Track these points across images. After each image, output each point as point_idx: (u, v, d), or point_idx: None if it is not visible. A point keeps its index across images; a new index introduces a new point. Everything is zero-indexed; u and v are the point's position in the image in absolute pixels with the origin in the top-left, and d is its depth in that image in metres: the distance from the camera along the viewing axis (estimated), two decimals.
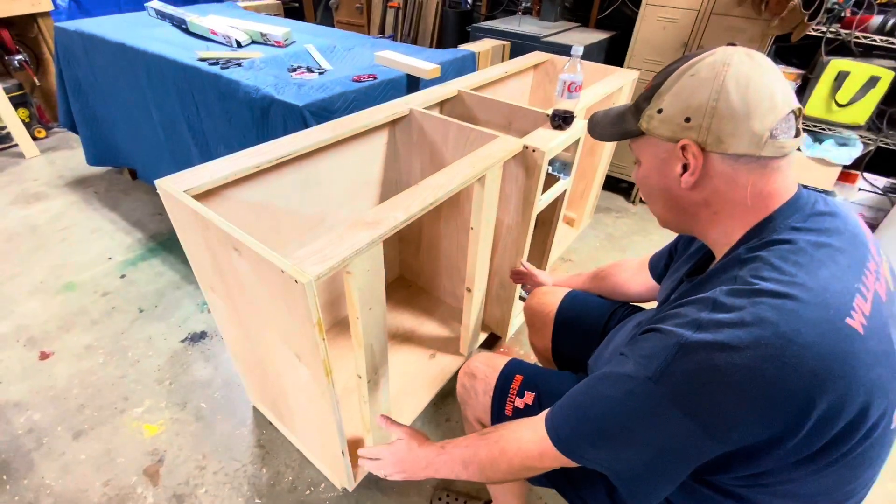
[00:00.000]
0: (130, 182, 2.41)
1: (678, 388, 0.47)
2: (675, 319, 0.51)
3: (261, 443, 1.27)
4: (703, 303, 0.50)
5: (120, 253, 1.92)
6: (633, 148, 0.61)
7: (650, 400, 0.49)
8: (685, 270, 0.70)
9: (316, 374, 0.80)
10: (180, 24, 1.93)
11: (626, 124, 0.60)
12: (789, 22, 1.70)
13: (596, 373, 0.58)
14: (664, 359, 0.48)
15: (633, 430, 0.52)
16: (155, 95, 1.68)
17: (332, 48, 1.76)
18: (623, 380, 0.52)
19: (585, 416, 0.56)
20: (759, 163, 0.51)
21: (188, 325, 1.60)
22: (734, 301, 0.48)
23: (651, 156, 0.58)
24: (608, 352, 0.81)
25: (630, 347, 0.55)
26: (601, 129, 0.67)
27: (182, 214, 0.84)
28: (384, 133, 1.27)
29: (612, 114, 0.65)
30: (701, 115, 0.51)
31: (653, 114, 0.55)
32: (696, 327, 0.48)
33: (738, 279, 0.50)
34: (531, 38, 2.23)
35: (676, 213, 0.60)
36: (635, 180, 0.65)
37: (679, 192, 0.57)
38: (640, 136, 0.58)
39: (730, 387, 0.45)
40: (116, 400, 1.36)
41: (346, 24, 3.58)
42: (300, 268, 0.66)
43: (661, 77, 0.56)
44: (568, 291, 1.06)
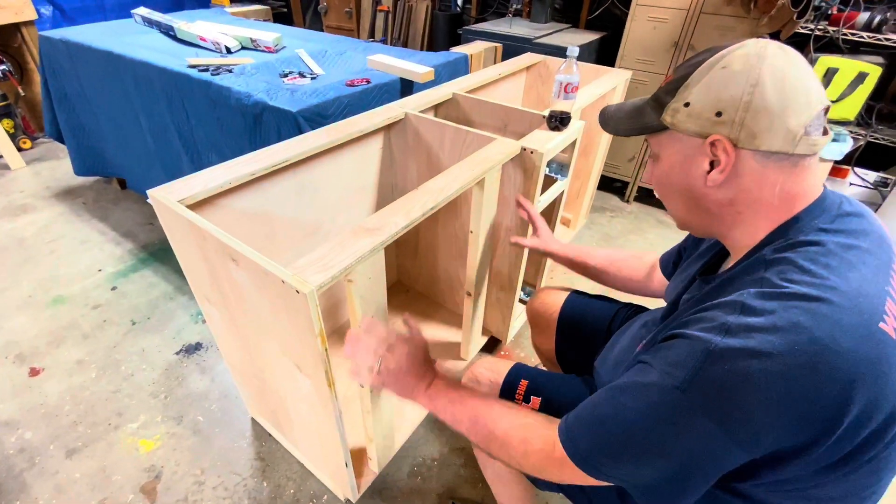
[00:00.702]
0: (119, 192, 2.37)
1: (708, 398, 0.45)
2: (701, 324, 0.48)
3: (261, 455, 1.24)
4: (731, 306, 0.47)
5: (110, 264, 1.88)
6: (652, 144, 0.58)
7: (678, 410, 0.47)
8: (696, 269, 0.68)
9: (318, 386, 0.78)
10: (168, 30, 1.90)
11: (646, 118, 0.57)
12: (778, 20, 1.71)
13: (616, 382, 0.55)
14: (692, 367, 0.46)
15: (659, 442, 0.49)
16: (143, 103, 1.65)
17: (324, 53, 1.74)
18: (648, 390, 0.50)
19: (607, 430, 0.53)
20: (790, 161, 0.49)
21: (183, 337, 1.57)
22: (764, 304, 0.46)
23: (674, 152, 0.55)
24: (614, 354, 0.80)
25: (653, 355, 0.52)
26: (616, 123, 0.63)
27: (177, 225, 0.82)
28: (379, 138, 1.26)
29: (628, 107, 0.62)
30: (734, 110, 0.48)
31: (678, 107, 0.52)
32: (725, 332, 0.45)
33: (766, 281, 0.48)
34: (523, 39, 2.23)
35: (698, 213, 0.57)
36: (648, 179, 0.62)
37: (703, 191, 0.54)
38: (661, 131, 0.55)
39: (763, 395, 0.43)
40: (110, 415, 1.33)
41: (336, 29, 3.56)
42: (301, 277, 0.64)
43: (685, 69, 0.53)
44: (570, 292, 1.05)
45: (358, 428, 1.18)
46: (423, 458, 1.26)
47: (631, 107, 0.61)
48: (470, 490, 1.20)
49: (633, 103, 0.62)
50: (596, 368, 0.83)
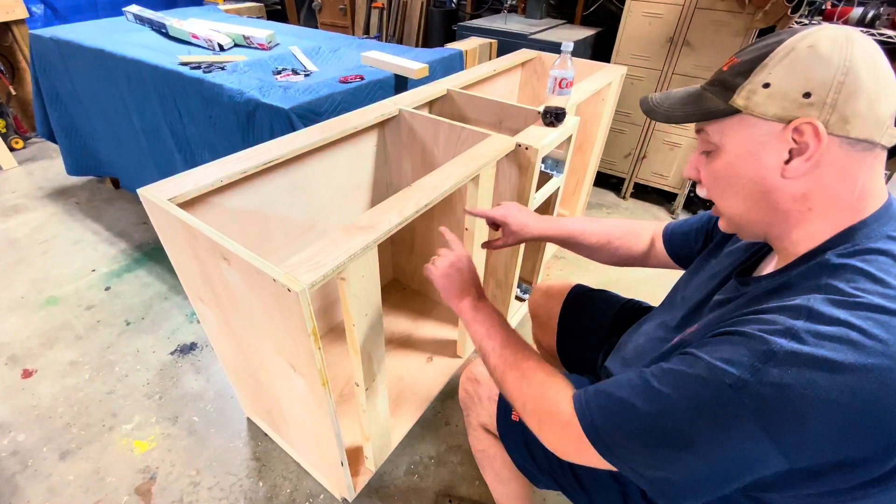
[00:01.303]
0: (113, 191, 2.36)
1: (763, 401, 0.42)
2: (761, 325, 0.45)
3: (256, 455, 1.23)
4: (796, 311, 0.44)
5: (104, 264, 1.87)
6: (711, 133, 0.53)
7: (726, 409, 0.43)
8: (728, 268, 0.64)
9: (312, 385, 0.77)
10: (160, 28, 1.89)
11: (708, 103, 0.52)
12: (773, 15, 1.71)
13: (652, 367, 0.51)
14: (751, 366, 0.43)
15: (693, 437, 0.46)
16: (136, 102, 1.64)
17: (318, 50, 1.73)
18: (693, 381, 0.46)
19: (632, 413, 0.49)
20: (872, 152, 0.46)
21: (177, 337, 1.56)
22: (834, 312, 0.43)
23: (745, 139, 0.49)
24: (627, 353, 0.77)
25: (700, 348, 0.48)
26: (667, 110, 0.56)
27: (167, 224, 0.81)
28: (373, 134, 1.25)
29: (679, 94, 0.57)
30: (825, 90, 0.44)
31: (756, 88, 0.47)
32: (791, 336, 0.42)
33: (832, 289, 0.45)
34: (518, 35, 2.22)
35: (762, 211, 0.52)
36: (695, 176, 0.57)
37: (775, 184, 0.49)
38: (727, 116, 0.50)
39: (825, 407, 0.40)
40: (104, 417, 1.32)
41: (330, 26, 3.54)
42: (293, 276, 0.63)
43: (759, 51, 0.49)
44: (574, 285, 1.04)
45: (354, 427, 1.18)
46: (420, 456, 1.25)
47: (683, 94, 0.56)
48: (467, 488, 1.19)
49: (684, 90, 0.57)
50: (608, 368, 0.80)
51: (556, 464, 0.75)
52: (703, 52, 1.96)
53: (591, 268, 1.97)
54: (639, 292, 1.03)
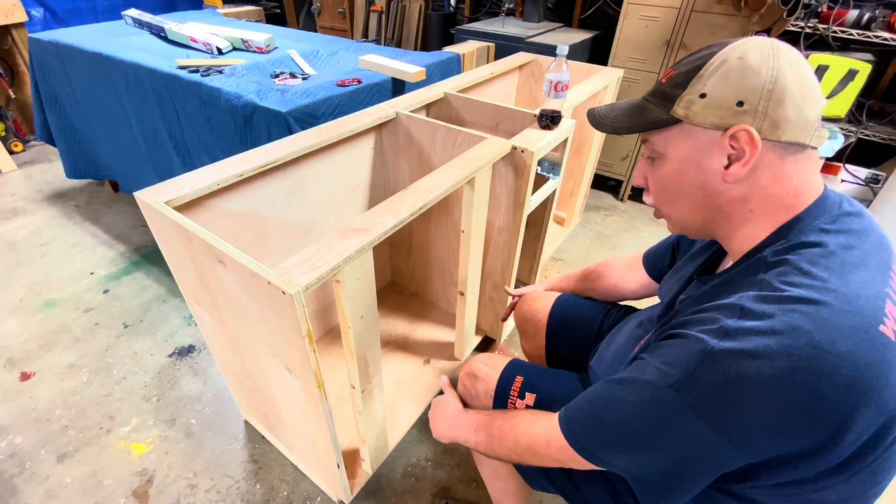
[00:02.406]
0: (112, 194, 2.36)
1: (701, 398, 0.46)
2: (699, 325, 0.48)
3: (254, 458, 1.23)
4: (730, 309, 0.47)
5: (102, 267, 1.87)
6: (655, 142, 0.55)
7: (671, 409, 0.48)
8: (692, 269, 0.67)
9: (308, 387, 0.77)
10: (159, 32, 1.89)
11: (651, 113, 0.54)
12: (768, 18, 1.72)
13: (614, 376, 0.56)
14: (687, 367, 0.46)
15: (652, 437, 0.50)
16: (134, 105, 1.64)
17: (316, 53, 1.73)
18: (643, 386, 0.51)
19: (603, 421, 0.55)
20: (804, 153, 0.49)
21: (175, 340, 1.56)
22: (763, 308, 0.45)
23: (687, 147, 0.52)
24: (610, 352, 0.80)
25: (651, 353, 0.52)
26: (613, 122, 0.59)
27: (164, 227, 0.82)
28: (371, 137, 1.26)
29: (623, 106, 0.59)
30: (757, 99, 0.47)
31: (693, 98, 0.50)
32: (723, 335, 0.45)
33: (766, 284, 0.47)
34: (515, 39, 2.23)
35: (706, 213, 0.55)
36: (641, 183, 0.60)
37: (718, 188, 0.52)
38: (669, 125, 0.53)
39: (757, 397, 0.43)
40: (102, 419, 1.32)
41: (329, 30, 3.56)
42: (288, 278, 0.64)
43: (693, 62, 0.51)
44: (559, 296, 1.04)
45: (351, 429, 1.18)
46: (416, 458, 1.25)
47: (627, 105, 0.59)
48: (464, 490, 1.19)
49: (627, 102, 0.60)
50: (592, 368, 0.83)
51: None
52: None
53: None
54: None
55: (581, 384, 0.84)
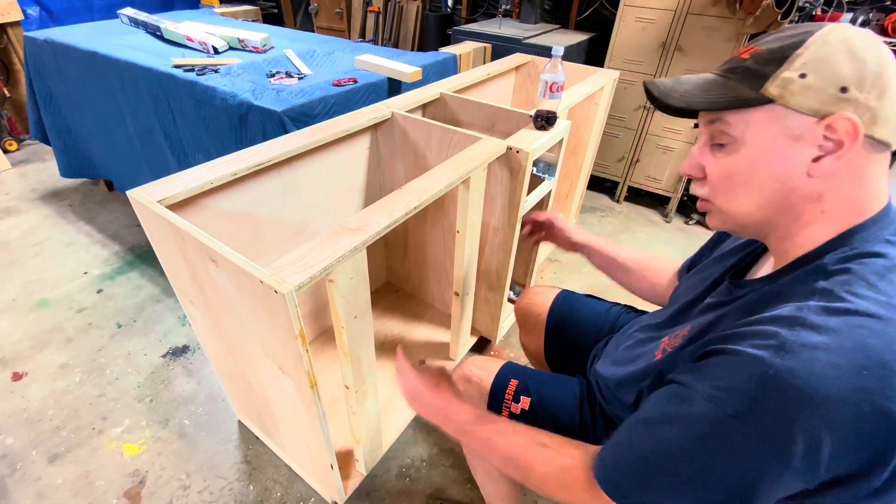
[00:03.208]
0: (107, 193, 2.35)
1: (767, 427, 0.41)
2: (753, 340, 0.43)
3: (247, 458, 1.23)
4: (788, 321, 0.43)
5: (96, 267, 1.86)
6: (732, 124, 0.48)
7: (734, 441, 0.42)
8: (721, 271, 0.63)
9: (300, 387, 0.77)
10: (154, 31, 1.89)
11: (735, 90, 0.47)
12: (763, 21, 1.73)
13: (652, 412, 0.51)
14: (748, 392, 0.41)
15: (708, 475, 0.45)
16: (129, 104, 1.64)
17: (312, 53, 1.73)
18: (696, 421, 0.45)
19: (651, 467, 0.48)
20: (884, 155, 0.45)
21: (169, 340, 1.55)
22: (828, 321, 0.41)
23: (773, 133, 0.46)
24: (617, 356, 0.76)
25: (693, 375, 0.47)
26: (684, 95, 0.51)
27: (156, 226, 0.81)
28: (366, 137, 1.26)
29: (694, 80, 0.52)
30: (862, 87, 0.42)
31: (792, 77, 0.44)
32: (785, 352, 0.41)
33: (828, 294, 0.43)
34: (512, 40, 2.24)
35: (773, 210, 0.49)
36: (697, 171, 0.53)
37: (797, 183, 0.46)
38: (755, 106, 0.46)
39: (826, 422, 0.39)
40: (94, 420, 1.31)
41: (327, 30, 3.56)
42: (280, 277, 0.63)
43: (785, 40, 0.46)
44: (560, 291, 1.04)
45: (345, 429, 1.17)
46: (411, 459, 1.25)
47: (699, 80, 0.52)
48: (458, 490, 1.19)
49: (698, 77, 0.52)
50: (598, 371, 0.79)
51: None
52: (695, 57, 1.97)
53: (585, 270, 1.97)
54: (621, 298, 1.04)
55: (578, 388, 0.83)
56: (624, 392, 0.68)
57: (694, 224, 2.33)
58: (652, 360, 0.63)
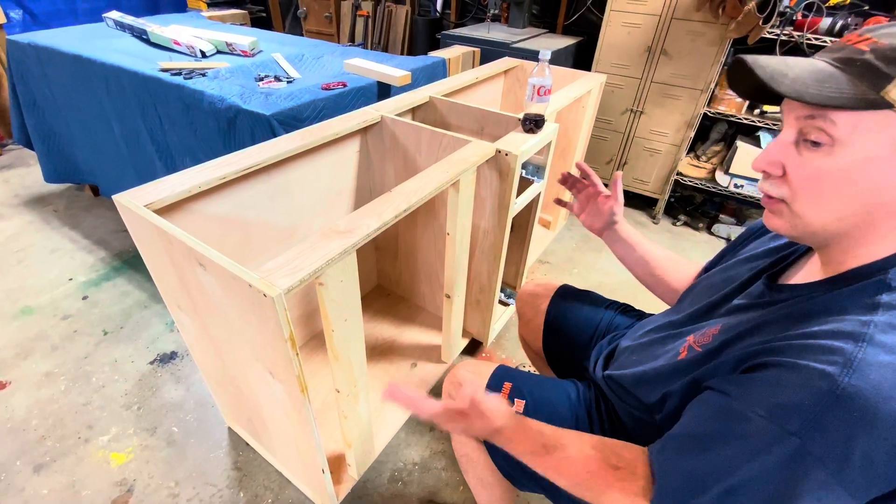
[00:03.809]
0: (92, 198, 2.32)
1: (830, 446, 0.40)
2: (815, 354, 0.42)
3: (237, 465, 1.22)
4: (853, 337, 0.42)
5: (82, 273, 1.83)
6: (839, 124, 0.43)
7: (793, 459, 0.41)
8: (755, 271, 0.62)
9: (291, 391, 0.77)
10: (141, 34, 1.87)
11: (852, 87, 0.42)
12: (745, 25, 1.76)
13: (700, 429, 0.49)
14: (812, 410, 0.40)
15: (764, 492, 0.44)
16: (115, 108, 1.62)
17: (301, 57, 1.73)
18: (754, 439, 0.44)
19: (710, 491, 0.47)
20: None
21: (157, 346, 1.54)
22: (894, 340, 0.40)
23: (883, 141, 0.42)
24: (626, 358, 0.75)
25: (746, 390, 0.46)
26: (794, 82, 0.45)
27: (143, 230, 0.81)
28: (356, 141, 1.26)
29: (805, 67, 0.45)
30: None
31: None
32: (852, 370, 0.40)
33: (891, 308, 0.42)
34: (500, 44, 2.25)
35: (852, 222, 0.46)
36: (776, 168, 0.48)
37: (889, 198, 0.43)
38: (875, 108, 0.41)
39: (887, 444, 0.39)
40: (80, 429, 1.29)
41: (316, 34, 3.55)
42: (269, 281, 0.63)
43: None
44: (562, 285, 1.05)
45: (336, 434, 1.17)
46: (403, 462, 1.25)
47: (810, 67, 0.45)
48: (451, 493, 1.19)
49: (810, 63, 0.46)
50: (608, 373, 0.78)
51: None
52: (680, 61, 2.00)
53: (575, 272, 1.99)
54: (617, 297, 1.05)
55: (571, 391, 0.83)
56: (643, 390, 0.67)
57: (681, 225, 2.36)
58: (676, 359, 0.61)
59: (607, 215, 0.91)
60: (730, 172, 2.08)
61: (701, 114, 2.04)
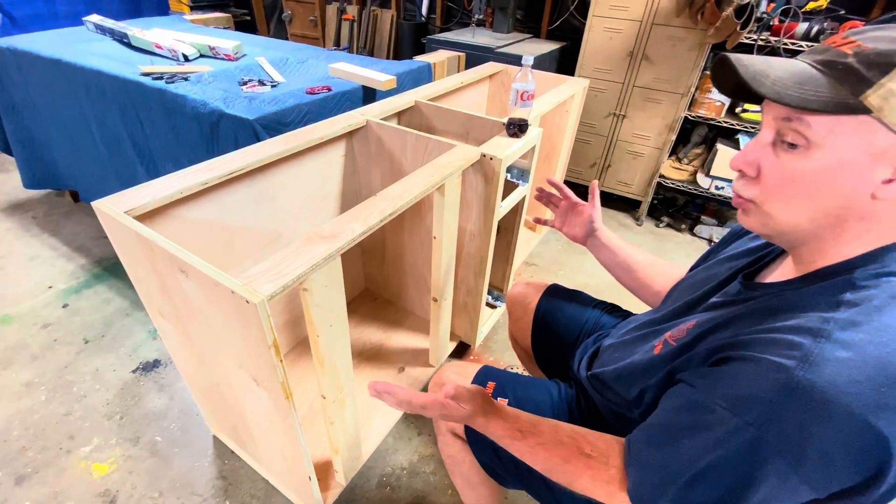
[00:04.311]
0: (72, 204, 2.27)
1: (786, 437, 0.41)
2: (775, 348, 0.44)
3: (223, 474, 1.20)
4: (812, 333, 0.43)
5: (62, 281, 1.79)
6: (815, 127, 0.43)
7: (751, 449, 0.43)
8: (728, 272, 0.63)
9: (275, 398, 0.76)
10: (122, 38, 1.85)
11: (832, 91, 0.42)
12: (724, 31, 1.80)
13: (673, 421, 0.51)
14: (769, 402, 0.42)
15: (726, 481, 0.46)
16: (96, 113, 1.59)
17: (285, 61, 1.72)
18: (715, 428, 0.45)
19: (679, 481, 0.49)
20: None
21: (140, 354, 1.51)
22: (853, 336, 0.42)
23: (857, 146, 0.42)
24: (618, 353, 0.75)
25: (708, 379, 0.48)
26: (775, 84, 0.44)
27: (124, 237, 0.80)
28: (341, 145, 1.26)
29: (785, 68, 0.46)
30: None
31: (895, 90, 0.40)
32: (809, 364, 0.41)
33: (852, 306, 0.44)
34: (485, 49, 2.27)
35: (822, 223, 0.47)
36: (751, 168, 0.49)
37: (860, 201, 0.44)
38: (853, 113, 0.41)
39: (843, 436, 0.40)
40: (62, 439, 1.26)
41: (301, 37, 3.54)
42: (251, 287, 0.63)
43: (893, 42, 0.41)
44: (551, 284, 1.07)
45: (323, 440, 1.16)
46: (391, 467, 1.24)
47: (791, 69, 0.45)
48: (440, 497, 1.19)
49: (791, 63, 0.46)
50: (591, 371, 0.79)
51: (522, 466, 0.76)
52: (661, 65, 2.04)
53: (561, 273, 2.00)
54: (602, 298, 1.06)
55: (553, 391, 0.85)
56: (623, 385, 0.68)
57: (664, 227, 2.40)
58: (652, 354, 0.63)
59: (587, 223, 0.95)
60: (711, 174, 2.12)
61: (682, 117, 2.08)
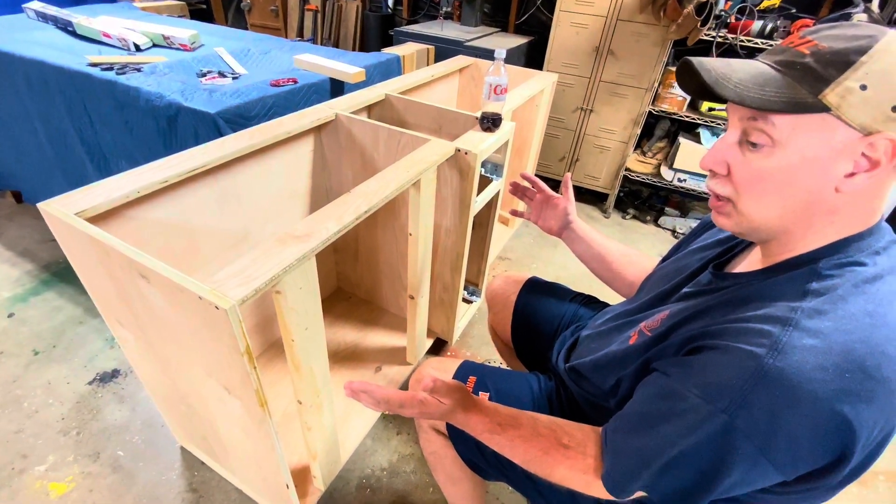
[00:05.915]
0: (14, 206, 2.11)
1: (755, 422, 0.43)
2: (746, 337, 0.45)
3: (193, 486, 1.14)
4: (780, 322, 0.44)
5: (6, 288, 1.66)
6: (778, 126, 0.45)
7: (723, 435, 0.44)
8: (699, 263, 0.65)
9: (249, 407, 0.73)
10: (66, 26, 1.72)
11: (792, 91, 0.43)
12: (685, 27, 1.85)
13: (648, 409, 0.52)
14: (740, 388, 0.43)
15: (699, 465, 0.47)
16: (38, 107, 1.47)
17: (247, 51, 1.65)
18: (688, 415, 0.47)
19: (653, 467, 0.50)
20: None
21: (96, 364, 1.42)
22: (819, 325, 0.43)
23: (818, 143, 0.43)
24: (595, 345, 0.76)
25: (681, 367, 0.49)
26: (737, 86, 0.45)
27: (75, 241, 0.74)
28: (309, 140, 1.21)
29: (746, 70, 0.46)
30: None
31: (853, 88, 0.41)
32: (777, 351, 0.42)
33: (818, 297, 0.45)
34: (454, 42, 2.25)
35: (792, 218, 0.48)
36: (721, 167, 0.50)
37: (825, 195, 0.45)
38: (813, 112, 0.42)
39: (809, 421, 0.41)
40: (13, 458, 1.17)
41: (261, 27, 3.40)
42: (221, 292, 0.59)
43: (849, 41, 0.42)
44: (530, 277, 1.08)
45: (299, 445, 1.13)
46: (371, 469, 1.22)
47: (753, 71, 0.46)
48: (422, 495, 1.18)
49: (751, 65, 0.47)
50: (569, 363, 0.80)
51: (504, 459, 0.76)
52: (626, 60, 2.08)
53: (534, 266, 2.02)
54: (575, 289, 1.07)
55: (534, 383, 0.85)
56: (599, 376, 0.69)
57: (630, 219, 2.46)
58: (627, 344, 0.64)
59: (562, 216, 0.97)
60: (674, 167, 2.19)
61: (646, 112, 2.13)
